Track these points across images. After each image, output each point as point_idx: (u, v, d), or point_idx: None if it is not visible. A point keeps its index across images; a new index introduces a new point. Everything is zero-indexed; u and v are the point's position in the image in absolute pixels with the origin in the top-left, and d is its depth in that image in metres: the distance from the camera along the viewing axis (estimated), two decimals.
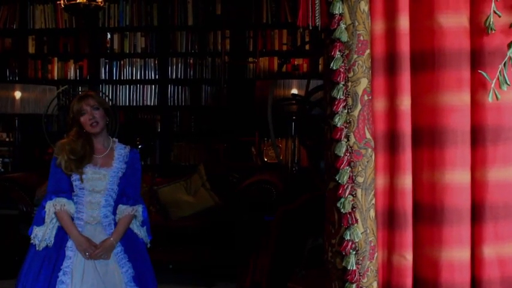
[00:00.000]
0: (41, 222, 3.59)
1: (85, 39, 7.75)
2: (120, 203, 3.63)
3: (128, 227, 3.65)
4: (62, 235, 3.56)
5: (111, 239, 3.57)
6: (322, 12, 1.90)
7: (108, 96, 7.52)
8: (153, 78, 7.65)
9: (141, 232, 3.73)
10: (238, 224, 5.55)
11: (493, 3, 1.86)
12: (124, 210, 3.62)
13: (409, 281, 1.94)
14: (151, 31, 7.66)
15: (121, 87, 7.70)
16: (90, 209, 3.56)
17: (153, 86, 7.65)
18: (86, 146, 3.58)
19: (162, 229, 5.63)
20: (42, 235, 3.56)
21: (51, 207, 3.56)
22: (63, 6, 6.21)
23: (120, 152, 3.70)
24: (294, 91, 6.23)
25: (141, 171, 3.78)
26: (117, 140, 3.76)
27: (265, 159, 7.14)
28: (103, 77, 7.74)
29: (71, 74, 7.79)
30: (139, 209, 3.67)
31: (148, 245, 3.77)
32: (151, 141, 7.47)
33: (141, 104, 7.65)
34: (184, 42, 7.64)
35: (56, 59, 7.80)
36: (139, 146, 7.18)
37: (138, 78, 7.66)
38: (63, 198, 3.55)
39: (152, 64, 7.69)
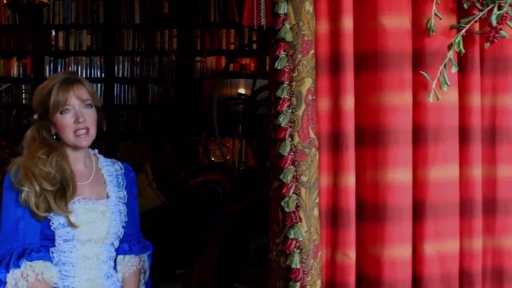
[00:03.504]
0: None
1: (29, 36, 7.62)
2: (120, 252, 2.42)
3: None
4: None
5: None
6: (267, 12, 1.90)
7: None
8: (98, 76, 7.57)
9: None
10: (184, 224, 5.53)
11: (434, 5, 1.90)
12: (128, 262, 2.43)
13: (352, 278, 1.96)
14: (97, 29, 7.59)
15: None
16: (84, 269, 2.27)
17: (99, 85, 7.57)
18: (65, 166, 2.24)
19: None
20: None
21: (19, 279, 2.15)
22: (5, 2, 6.08)
23: (110, 171, 2.41)
24: (241, 90, 6.25)
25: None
26: (97, 151, 2.45)
27: (212, 159, 7.14)
28: (47, 75, 7.60)
29: (14, 71, 7.65)
30: (145, 257, 2.51)
31: None
32: (97, 140, 7.37)
33: None
34: (131, 40, 7.59)
35: None
36: None
37: (84, 76, 7.56)
38: (39, 261, 2.17)
39: (98, 62, 7.61)
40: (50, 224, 2.19)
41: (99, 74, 7.56)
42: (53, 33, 7.64)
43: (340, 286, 1.96)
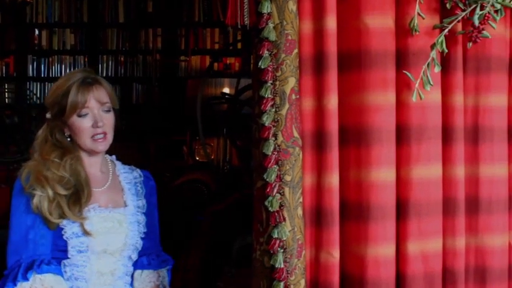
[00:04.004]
0: None
1: (12, 35, 7.56)
2: (138, 267, 2.27)
3: None
4: None
5: None
6: (250, 11, 1.90)
7: (36, 94, 7.35)
8: None
9: None
10: (169, 223, 5.51)
11: (417, 5, 1.91)
12: (146, 278, 2.27)
13: (336, 278, 1.96)
14: (81, 28, 7.55)
15: (49, 85, 7.53)
16: (98, 286, 2.13)
17: None
18: (79, 169, 2.12)
19: None
20: None
21: None
22: None
23: (128, 178, 2.30)
24: (226, 90, 6.25)
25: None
26: (114, 157, 2.37)
27: (197, 158, 7.13)
28: (31, 74, 7.57)
29: None
30: (164, 273, 2.36)
31: None
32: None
33: None
34: (115, 39, 7.57)
35: None
36: None
37: None
38: (48, 274, 2.02)
39: (82, 61, 7.58)
40: (63, 233, 2.06)
41: None
42: (36, 32, 7.60)
43: (324, 285, 1.96)
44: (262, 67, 1.87)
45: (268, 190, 1.87)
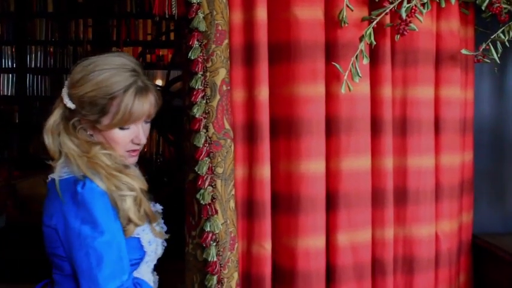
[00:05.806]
0: None
1: None
2: None
3: None
4: None
5: None
6: (178, 1, 1.87)
7: None
8: (9, 66, 7.31)
9: None
10: None
11: None
12: None
13: (268, 270, 1.96)
14: (8, 17, 7.31)
15: None
16: None
17: (10, 75, 7.31)
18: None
19: (21, 225, 5.42)
20: None
21: None
22: None
23: None
24: (159, 82, 6.18)
25: None
26: None
27: None
28: None
29: None
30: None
31: None
32: (9, 133, 7.15)
33: None
34: (44, 29, 7.35)
35: None
36: None
37: None
38: None
39: (9, 52, 7.34)
40: (142, 243, 1.75)
41: (10, 64, 7.30)
42: None
43: (256, 278, 1.96)
44: (192, 58, 1.85)
45: (199, 183, 1.85)
